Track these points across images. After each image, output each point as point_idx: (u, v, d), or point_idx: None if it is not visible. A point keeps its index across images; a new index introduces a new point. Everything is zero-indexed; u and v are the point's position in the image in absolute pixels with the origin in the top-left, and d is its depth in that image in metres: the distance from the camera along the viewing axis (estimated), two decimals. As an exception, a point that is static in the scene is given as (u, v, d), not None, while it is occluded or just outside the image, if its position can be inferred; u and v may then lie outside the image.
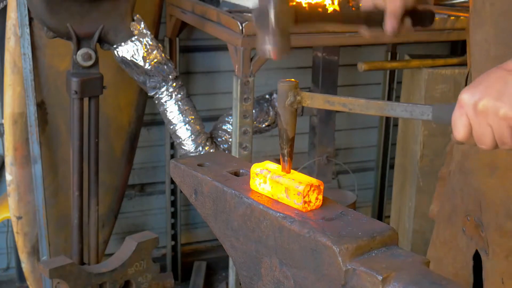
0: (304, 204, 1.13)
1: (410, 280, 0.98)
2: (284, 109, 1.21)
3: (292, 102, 1.21)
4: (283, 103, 1.21)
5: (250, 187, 1.21)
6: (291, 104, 1.21)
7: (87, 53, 2.52)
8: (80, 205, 2.63)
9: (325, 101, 1.25)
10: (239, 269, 1.24)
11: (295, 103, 1.21)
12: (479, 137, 1.16)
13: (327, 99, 1.25)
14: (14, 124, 2.77)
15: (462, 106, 1.16)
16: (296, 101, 1.21)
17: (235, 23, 2.47)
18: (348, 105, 1.24)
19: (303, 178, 1.17)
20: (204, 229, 3.65)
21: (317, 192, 1.15)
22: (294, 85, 1.21)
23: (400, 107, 1.22)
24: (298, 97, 1.21)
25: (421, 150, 3.03)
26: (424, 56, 3.05)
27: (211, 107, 3.42)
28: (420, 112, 1.21)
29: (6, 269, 3.38)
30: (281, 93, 1.21)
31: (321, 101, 1.25)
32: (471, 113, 1.15)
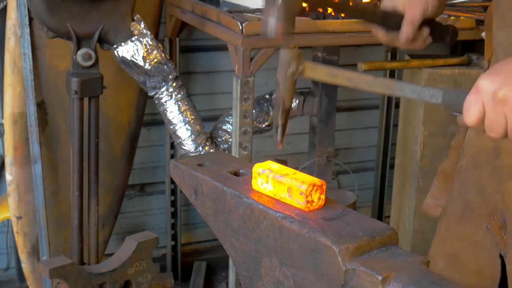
0: (307, 204, 1.13)
1: (410, 280, 0.98)
2: (284, 78, 1.16)
3: (294, 72, 1.16)
4: (284, 72, 1.16)
5: (252, 187, 1.21)
6: (293, 73, 1.16)
7: (87, 53, 2.52)
8: (80, 205, 2.63)
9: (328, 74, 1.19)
10: (239, 269, 1.25)
11: (297, 73, 1.16)
12: (492, 125, 1.16)
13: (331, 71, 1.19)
14: (14, 124, 2.77)
15: (480, 92, 1.15)
16: (298, 70, 1.16)
17: (235, 23, 2.47)
18: (353, 79, 1.19)
19: (306, 178, 1.16)
20: (204, 229, 3.65)
21: (319, 191, 1.14)
22: (297, 53, 1.16)
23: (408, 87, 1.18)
24: (301, 66, 1.16)
25: (421, 150, 3.03)
26: (424, 56, 3.05)
27: (211, 107, 3.41)
28: (429, 95, 1.17)
29: (6, 269, 3.38)
30: (283, 61, 1.15)
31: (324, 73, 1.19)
32: (489, 100, 1.14)
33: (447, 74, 2.97)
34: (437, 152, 2.99)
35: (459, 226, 1.75)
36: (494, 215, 1.64)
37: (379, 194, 3.75)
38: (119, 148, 3.06)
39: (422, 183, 3.06)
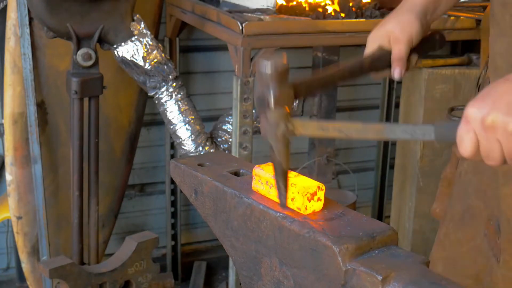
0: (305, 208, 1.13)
1: (409, 280, 0.99)
2: (276, 140, 1.14)
3: (285, 132, 1.13)
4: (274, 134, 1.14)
5: (252, 189, 1.20)
6: (283, 134, 1.14)
7: (87, 53, 2.51)
8: (80, 205, 2.63)
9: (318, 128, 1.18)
10: (239, 269, 1.25)
11: (288, 132, 1.14)
12: (487, 153, 1.12)
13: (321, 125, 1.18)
14: (14, 124, 2.77)
15: (469, 122, 1.11)
16: (288, 130, 1.14)
17: (235, 23, 2.47)
18: (344, 130, 1.17)
19: (304, 181, 1.16)
20: (204, 229, 3.64)
21: (318, 195, 1.14)
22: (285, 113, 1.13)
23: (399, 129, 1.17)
24: (290, 125, 1.14)
25: (421, 150, 3.03)
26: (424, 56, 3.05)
27: (211, 107, 3.41)
28: (421, 133, 1.15)
29: (6, 269, 3.37)
30: (271, 122, 1.13)
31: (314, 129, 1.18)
32: (479, 128, 1.10)
33: (447, 74, 2.97)
34: (437, 152, 2.99)
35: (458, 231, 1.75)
36: (491, 220, 1.64)
37: (379, 194, 3.75)
38: (119, 148, 3.06)
39: (422, 183, 3.06)
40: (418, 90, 3.03)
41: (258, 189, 1.19)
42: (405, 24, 1.51)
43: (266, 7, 2.65)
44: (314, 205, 1.14)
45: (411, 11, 1.54)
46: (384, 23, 1.55)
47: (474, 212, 1.69)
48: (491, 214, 1.64)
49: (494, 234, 1.62)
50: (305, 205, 1.13)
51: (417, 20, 1.53)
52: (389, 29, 1.51)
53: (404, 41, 1.50)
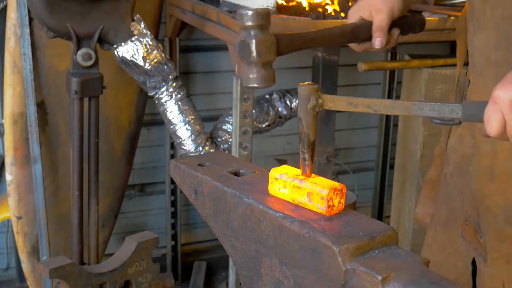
0: (328, 208, 1.12)
1: (410, 280, 0.98)
2: (306, 113, 1.18)
3: (314, 106, 1.18)
4: (305, 107, 1.18)
5: (269, 193, 1.20)
6: (313, 107, 1.18)
7: (87, 53, 2.52)
8: (80, 205, 2.63)
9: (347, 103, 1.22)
10: (239, 269, 1.25)
11: (317, 106, 1.19)
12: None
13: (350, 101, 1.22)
14: (14, 124, 2.77)
15: (497, 103, 1.17)
16: (318, 104, 1.19)
17: (235, 23, 2.47)
18: (372, 106, 1.21)
19: (325, 182, 1.15)
20: (204, 229, 3.65)
21: (339, 196, 1.14)
22: (315, 88, 1.18)
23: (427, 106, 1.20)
24: (320, 100, 1.19)
25: (421, 150, 3.03)
26: (424, 56, 3.05)
27: (211, 107, 3.42)
28: (449, 111, 1.19)
29: (6, 269, 3.38)
30: (302, 96, 1.18)
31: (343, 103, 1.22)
32: (507, 109, 1.16)
33: (447, 74, 2.97)
34: (437, 152, 2.99)
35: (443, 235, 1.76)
36: (467, 221, 1.65)
37: (379, 194, 3.75)
38: (119, 148, 3.06)
39: (422, 183, 3.05)
40: (418, 90, 3.03)
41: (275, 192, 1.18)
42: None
43: (266, 7, 2.65)
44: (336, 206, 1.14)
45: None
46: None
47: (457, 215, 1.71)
48: (466, 215, 1.65)
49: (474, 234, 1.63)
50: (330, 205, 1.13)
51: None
52: (371, 1, 1.54)
53: (386, 11, 1.53)
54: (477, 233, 1.62)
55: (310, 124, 1.19)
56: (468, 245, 1.67)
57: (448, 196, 1.74)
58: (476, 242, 1.63)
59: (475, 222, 1.63)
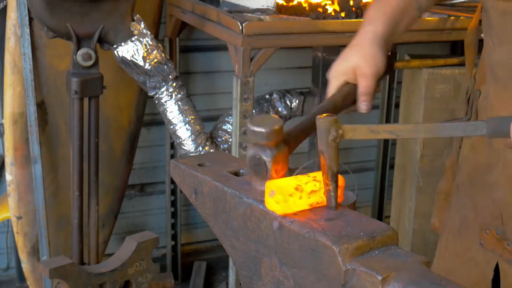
0: None
1: (409, 280, 0.98)
2: (327, 145, 1.17)
3: (335, 137, 1.17)
4: (326, 139, 1.17)
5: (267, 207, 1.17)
6: (334, 139, 1.17)
7: (87, 53, 2.51)
8: (80, 205, 2.63)
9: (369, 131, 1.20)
10: (239, 269, 1.24)
11: (338, 137, 1.17)
12: None
13: (371, 128, 1.20)
14: (14, 124, 2.77)
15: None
16: (338, 135, 1.17)
17: (235, 23, 2.47)
18: (395, 132, 1.20)
19: None
20: (204, 229, 3.65)
21: None
22: (334, 119, 1.17)
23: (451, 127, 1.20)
24: (340, 130, 1.17)
25: (421, 150, 3.02)
26: (424, 56, 3.05)
27: (211, 107, 3.41)
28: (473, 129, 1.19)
29: (6, 269, 3.38)
30: (322, 129, 1.17)
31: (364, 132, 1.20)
32: None
33: (447, 74, 2.97)
34: (437, 152, 2.99)
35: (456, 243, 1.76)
36: (486, 230, 1.65)
37: (379, 194, 3.75)
38: (119, 148, 3.06)
39: (422, 183, 3.06)
40: (418, 90, 3.03)
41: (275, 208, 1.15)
42: (371, 58, 1.50)
43: (266, 7, 2.65)
44: None
45: (374, 43, 1.52)
46: (347, 56, 1.53)
47: (469, 223, 1.71)
48: (484, 224, 1.65)
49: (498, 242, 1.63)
50: None
51: (381, 52, 1.51)
52: (355, 64, 1.49)
53: (371, 75, 1.49)
54: (503, 240, 1.62)
55: (332, 156, 1.17)
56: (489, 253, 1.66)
57: (461, 205, 1.74)
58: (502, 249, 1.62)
59: (498, 230, 1.62)
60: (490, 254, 1.66)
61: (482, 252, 1.68)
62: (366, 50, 1.52)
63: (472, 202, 1.69)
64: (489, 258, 1.67)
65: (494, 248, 1.64)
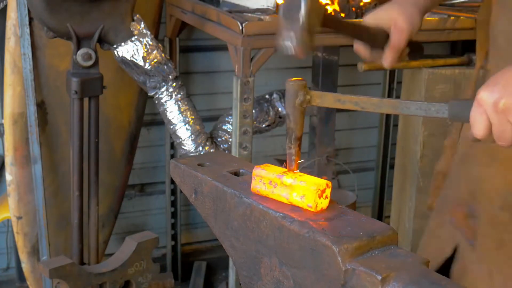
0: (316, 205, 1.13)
1: (409, 280, 0.99)
2: (293, 108, 1.19)
3: (302, 102, 1.19)
4: (292, 103, 1.19)
5: (252, 190, 1.20)
6: (301, 103, 1.19)
7: (87, 53, 2.52)
8: (80, 205, 2.63)
9: (335, 100, 1.22)
10: (239, 269, 1.25)
11: (305, 102, 1.19)
12: (499, 134, 1.18)
13: (338, 97, 1.22)
14: (14, 124, 2.77)
15: (481, 105, 1.17)
16: (305, 100, 1.19)
17: (235, 23, 2.47)
18: (360, 103, 1.22)
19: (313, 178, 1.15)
20: (204, 229, 3.65)
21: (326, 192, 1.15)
22: (303, 84, 1.19)
23: (414, 105, 1.21)
24: (308, 96, 1.19)
25: (421, 150, 3.03)
26: (424, 56, 3.05)
27: (211, 107, 3.42)
28: (435, 110, 1.20)
29: (6, 269, 3.38)
30: (290, 92, 1.19)
31: (331, 100, 1.22)
32: (491, 111, 1.16)
33: (447, 74, 2.97)
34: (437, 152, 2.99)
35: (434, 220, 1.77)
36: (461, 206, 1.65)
37: (379, 194, 3.75)
38: (119, 148, 3.06)
39: (422, 183, 3.06)
40: (418, 90, 3.03)
41: (259, 189, 1.19)
42: (410, 16, 1.51)
43: (266, 7, 2.65)
44: (322, 202, 1.14)
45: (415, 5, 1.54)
46: (387, 7, 1.54)
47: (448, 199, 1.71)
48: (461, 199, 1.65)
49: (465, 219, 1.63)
50: (316, 202, 1.13)
51: (420, 15, 1.53)
52: (393, 16, 1.50)
53: (407, 32, 1.50)
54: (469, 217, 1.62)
55: (297, 119, 1.19)
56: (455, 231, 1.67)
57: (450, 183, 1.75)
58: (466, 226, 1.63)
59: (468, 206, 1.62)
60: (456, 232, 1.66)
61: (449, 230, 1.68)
62: (406, 7, 1.52)
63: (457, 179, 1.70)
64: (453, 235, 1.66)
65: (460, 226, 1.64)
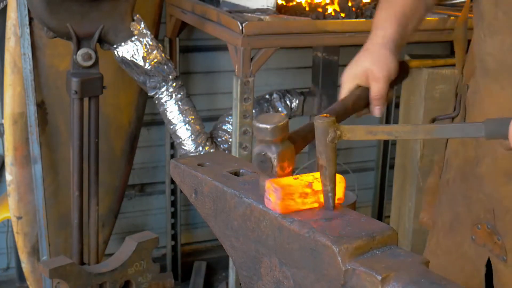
0: None
1: (409, 280, 0.99)
2: (325, 147, 1.17)
3: (333, 138, 1.17)
4: (323, 141, 1.17)
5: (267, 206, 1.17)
6: (332, 140, 1.17)
7: (87, 53, 2.51)
8: (80, 205, 2.63)
9: (366, 132, 1.20)
10: (239, 269, 1.25)
11: (336, 138, 1.17)
12: None
13: (369, 130, 1.20)
14: (14, 124, 2.77)
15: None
16: (336, 136, 1.17)
17: (235, 23, 2.47)
18: (393, 133, 1.21)
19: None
20: (204, 229, 3.65)
21: None
22: (332, 120, 1.17)
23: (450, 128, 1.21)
24: (338, 131, 1.18)
25: (421, 150, 3.03)
26: (424, 56, 3.05)
27: (211, 107, 3.41)
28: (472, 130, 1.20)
29: (6, 269, 3.38)
30: (319, 130, 1.17)
31: (362, 133, 1.20)
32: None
33: (447, 74, 2.97)
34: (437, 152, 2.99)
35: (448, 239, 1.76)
36: (478, 224, 1.65)
37: (379, 194, 3.75)
38: (119, 148, 3.06)
39: (422, 183, 3.05)
40: (418, 90, 3.03)
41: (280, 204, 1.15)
42: (382, 62, 1.50)
43: (266, 7, 2.65)
44: None
45: (384, 47, 1.52)
46: (359, 60, 1.53)
47: (461, 218, 1.70)
48: (477, 218, 1.65)
49: (489, 236, 1.63)
50: None
51: (392, 55, 1.52)
52: (367, 67, 1.49)
53: (383, 79, 1.49)
54: (493, 235, 1.61)
55: (330, 156, 1.17)
56: (480, 248, 1.66)
57: (452, 201, 1.74)
58: (492, 244, 1.62)
59: (489, 224, 1.62)
60: (481, 249, 1.66)
61: (474, 247, 1.67)
62: (376, 54, 1.52)
63: (464, 197, 1.69)
64: (481, 253, 1.66)
65: (486, 243, 1.64)
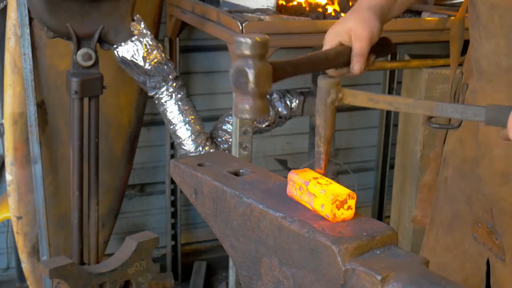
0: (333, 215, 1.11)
1: (409, 280, 0.99)
2: (325, 106, 1.17)
3: (334, 100, 1.17)
4: (324, 100, 1.16)
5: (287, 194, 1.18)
6: (333, 101, 1.17)
7: (87, 53, 2.52)
8: (80, 205, 2.63)
9: (368, 99, 1.20)
10: (239, 268, 1.25)
11: (337, 100, 1.17)
12: None
13: (371, 97, 1.20)
14: (14, 124, 2.77)
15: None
16: (337, 98, 1.17)
17: (235, 23, 2.47)
18: (394, 103, 1.20)
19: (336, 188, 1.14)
20: (204, 229, 3.65)
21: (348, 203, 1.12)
22: (336, 82, 1.16)
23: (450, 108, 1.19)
24: (340, 94, 1.17)
25: (421, 150, 3.03)
26: (424, 56, 3.05)
27: (211, 107, 3.42)
28: (472, 113, 1.18)
29: (6, 269, 3.38)
30: (322, 89, 1.16)
31: (364, 99, 1.20)
32: None
33: (447, 74, 2.96)
34: (437, 152, 2.99)
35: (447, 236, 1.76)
36: (478, 223, 1.65)
37: (379, 194, 3.75)
38: (119, 148, 3.06)
39: (421, 182, 3.06)
40: (418, 90, 3.03)
41: (293, 195, 1.18)
42: (366, 22, 1.51)
43: (266, 7, 2.65)
44: (344, 213, 1.12)
45: (370, 9, 1.54)
46: (344, 20, 1.54)
47: (461, 216, 1.71)
48: (477, 217, 1.65)
49: (488, 235, 1.63)
50: (334, 212, 1.11)
51: (376, 18, 1.53)
52: (350, 26, 1.50)
53: (366, 38, 1.49)
54: (492, 234, 1.62)
55: (328, 118, 1.17)
56: (481, 246, 1.67)
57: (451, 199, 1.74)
58: (491, 243, 1.63)
59: (489, 224, 1.62)
60: (482, 247, 1.66)
61: (475, 245, 1.68)
62: (362, 14, 1.53)
63: (464, 195, 1.69)
64: (482, 251, 1.67)
65: (486, 242, 1.65)
